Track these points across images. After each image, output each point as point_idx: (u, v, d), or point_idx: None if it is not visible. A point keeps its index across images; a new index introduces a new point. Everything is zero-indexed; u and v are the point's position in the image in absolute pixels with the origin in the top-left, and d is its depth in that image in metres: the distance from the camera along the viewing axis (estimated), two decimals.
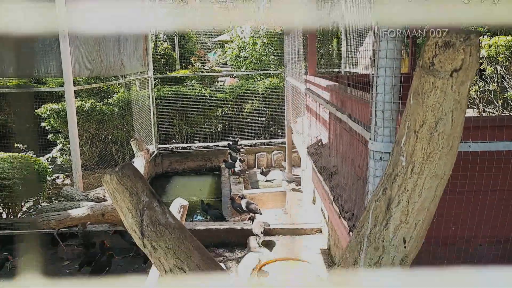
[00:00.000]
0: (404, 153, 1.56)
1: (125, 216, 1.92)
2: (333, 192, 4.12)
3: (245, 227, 6.50)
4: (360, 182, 3.55)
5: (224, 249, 6.39)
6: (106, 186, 1.93)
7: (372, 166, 2.60)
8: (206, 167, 11.59)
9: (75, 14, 6.11)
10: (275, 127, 12.41)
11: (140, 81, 10.54)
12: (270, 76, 12.90)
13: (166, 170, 11.46)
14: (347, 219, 3.44)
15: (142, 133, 10.18)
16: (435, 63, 1.42)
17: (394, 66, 2.49)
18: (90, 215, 5.21)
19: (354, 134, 3.58)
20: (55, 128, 8.72)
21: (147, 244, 1.92)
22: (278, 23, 12.13)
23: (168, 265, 1.92)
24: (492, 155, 2.54)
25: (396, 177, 1.60)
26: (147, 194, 1.94)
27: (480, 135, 2.52)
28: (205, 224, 6.82)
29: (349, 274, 1.76)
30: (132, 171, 1.96)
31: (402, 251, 1.66)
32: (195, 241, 2.06)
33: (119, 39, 8.20)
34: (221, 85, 14.55)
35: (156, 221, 1.92)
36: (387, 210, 1.63)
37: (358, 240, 1.75)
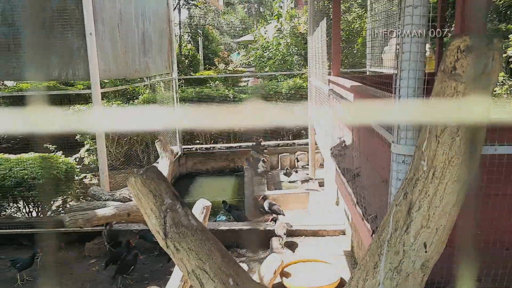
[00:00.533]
0: (425, 158, 1.56)
1: (149, 218, 1.97)
2: (356, 194, 4.10)
3: (267, 228, 6.52)
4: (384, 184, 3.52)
5: (247, 250, 6.43)
6: (131, 188, 1.98)
7: (394, 169, 2.58)
8: (229, 167, 11.66)
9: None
10: (299, 128, 12.38)
11: (165, 83, 10.68)
12: (293, 76, 12.88)
13: (189, 171, 11.57)
14: (370, 222, 3.42)
15: (167, 134, 10.32)
16: (457, 68, 1.41)
17: (418, 68, 2.47)
18: (116, 214, 5.32)
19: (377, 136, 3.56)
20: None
21: (170, 245, 1.96)
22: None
23: (190, 266, 1.96)
24: None
25: (417, 181, 1.59)
26: (170, 196, 1.98)
27: (508, 137, 2.47)
28: (228, 225, 6.88)
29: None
30: (156, 174, 2.00)
31: (423, 256, 1.65)
32: (217, 243, 2.09)
33: (144, 41, 8.33)
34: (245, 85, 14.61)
35: (178, 222, 1.96)
36: (407, 215, 1.63)
37: (379, 244, 1.75)
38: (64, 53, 6.10)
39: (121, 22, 7.14)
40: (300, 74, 12.76)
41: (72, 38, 6.05)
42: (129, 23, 7.56)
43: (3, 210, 7.31)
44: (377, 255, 1.75)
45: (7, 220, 6.93)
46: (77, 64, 6.12)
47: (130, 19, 7.58)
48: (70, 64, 6.13)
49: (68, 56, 6.11)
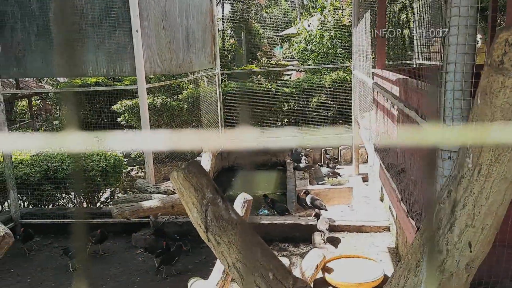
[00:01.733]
0: (470, 155, 1.50)
1: (191, 211, 2.02)
2: (400, 190, 4.02)
3: (310, 222, 6.50)
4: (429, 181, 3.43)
5: (289, 244, 6.43)
6: (173, 182, 2.04)
7: (440, 166, 2.51)
8: (271, 161, 11.68)
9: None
10: (342, 121, 12.22)
11: (208, 77, 10.82)
12: (337, 69, 12.71)
13: (232, 165, 11.69)
14: (415, 218, 3.35)
15: (210, 128, 10.46)
16: (505, 62, 1.35)
17: (465, 61, 2.38)
18: (161, 206, 5.47)
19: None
20: (130, 123, 9.21)
21: (211, 238, 2.00)
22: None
23: (231, 259, 1.99)
24: None
25: (462, 179, 1.54)
26: (211, 191, 2.02)
27: None
28: (270, 219, 6.91)
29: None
30: (197, 169, 2.05)
31: (467, 255, 1.60)
32: (257, 237, 2.11)
33: (188, 37, 8.47)
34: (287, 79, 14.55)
35: (219, 216, 2.00)
36: (451, 213, 1.58)
37: (421, 242, 1.71)
38: (112, 49, 6.31)
39: (166, 18, 7.29)
40: (344, 67, 12.57)
41: (119, 35, 6.24)
42: (173, 19, 7.71)
43: (56, 201, 7.68)
44: (419, 253, 1.71)
45: (59, 211, 7.28)
46: (124, 60, 6.31)
47: (174, 15, 7.73)
48: (118, 61, 6.34)
49: (115, 53, 6.31)
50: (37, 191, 7.25)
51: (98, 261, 6.11)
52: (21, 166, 7.36)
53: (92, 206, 7.72)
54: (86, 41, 6.28)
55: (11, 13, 6.40)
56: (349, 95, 10.64)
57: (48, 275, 5.78)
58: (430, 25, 6.51)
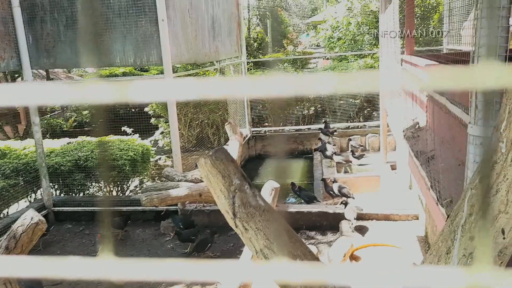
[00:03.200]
0: (504, 139, 1.46)
1: (218, 198, 2.04)
2: (430, 178, 3.94)
3: (337, 211, 6.47)
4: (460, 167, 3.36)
5: (316, 232, 6.42)
6: (201, 169, 2.06)
7: (471, 152, 2.45)
8: (298, 150, 11.66)
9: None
10: (370, 109, 12.05)
11: (234, 66, 10.83)
12: (364, 56, 12.51)
13: (259, 153, 11.72)
14: (445, 206, 3.29)
15: (236, 117, 10.50)
16: None
17: (498, 44, 2.30)
18: (189, 195, 5.53)
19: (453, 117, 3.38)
20: (157, 113, 9.33)
21: (238, 225, 2.01)
22: None
23: (258, 245, 2.01)
24: None
25: (495, 164, 1.50)
26: (239, 177, 2.03)
27: None
28: (297, 207, 6.91)
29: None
30: (225, 155, 2.06)
31: (500, 242, 1.57)
32: (284, 223, 2.12)
33: (213, 25, 8.48)
34: (314, 67, 14.42)
35: (247, 203, 2.01)
36: None
37: (452, 229, 1.68)
38: (139, 39, 6.37)
39: (191, 7, 7.31)
40: (372, 54, 12.36)
41: (146, 24, 6.29)
42: (199, 8, 7.72)
43: (86, 189, 7.88)
44: (450, 240, 1.68)
45: (90, 199, 7.47)
46: (151, 49, 6.37)
47: (199, 4, 7.74)
48: (144, 50, 6.40)
49: (142, 42, 6.37)
50: (68, 179, 7.45)
51: (128, 248, 6.25)
52: (53, 156, 7.57)
53: (121, 194, 7.89)
54: (113, 31, 6.36)
55: (41, 4, 6.54)
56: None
57: None
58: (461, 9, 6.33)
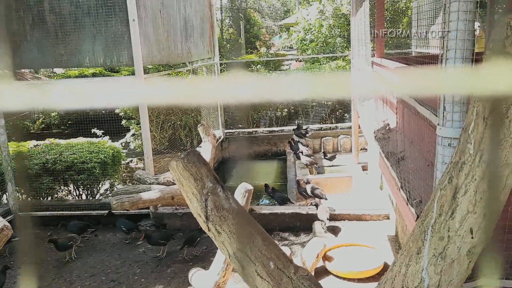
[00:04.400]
0: (472, 141, 1.49)
1: (191, 201, 2.01)
2: (400, 178, 4.01)
3: (310, 211, 6.51)
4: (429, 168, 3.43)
5: (289, 233, 6.45)
6: (173, 172, 2.03)
7: (440, 153, 2.50)
8: (272, 151, 11.68)
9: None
10: (342, 111, 12.19)
11: (207, 67, 10.78)
12: (336, 58, 12.66)
13: (232, 155, 11.69)
14: (414, 206, 3.34)
15: (209, 119, 10.45)
16: (507, 46, 1.34)
17: (465, 47, 2.36)
18: (161, 197, 5.47)
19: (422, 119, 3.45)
20: (128, 115, 9.19)
21: (211, 228, 1.99)
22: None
23: (232, 249, 1.99)
24: None
25: (463, 165, 1.53)
26: (211, 180, 2.01)
27: None
28: (270, 208, 6.91)
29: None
30: (197, 158, 2.03)
31: (469, 242, 1.60)
32: (258, 226, 2.11)
33: (186, 26, 8.41)
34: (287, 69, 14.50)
35: (220, 206, 1.99)
36: (453, 199, 1.57)
37: (422, 229, 1.71)
38: (109, 39, 6.25)
39: (163, 7, 7.23)
40: (343, 56, 12.51)
41: (116, 24, 6.18)
42: (171, 8, 7.64)
43: (55, 193, 7.68)
44: (420, 240, 1.71)
45: (58, 203, 7.27)
46: (121, 50, 6.26)
47: (171, 4, 7.66)
48: (115, 51, 6.28)
49: (112, 43, 6.26)
50: (35, 183, 7.24)
51: (98, 253, 6.12)
52: (19, 159, 7.34)
53: (91, 197, 7.73)
54: (82, 31, 6.22)
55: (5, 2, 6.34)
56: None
57: (48, 268, 5.79)
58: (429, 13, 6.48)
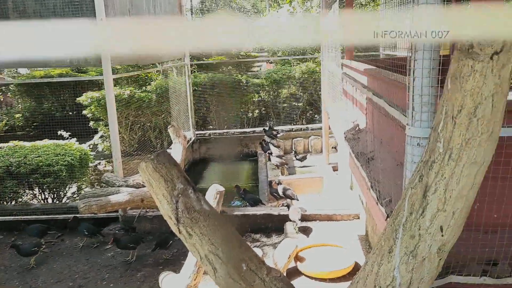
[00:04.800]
0: (441, 140, 1.51)
1: (161, 203, 1.96)
2: (370, 178, 4.06)
3: (282, 212, 6.52)
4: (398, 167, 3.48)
5: (261, 235, 6.44)
6: (142, 173, 1.98)
7: (409, 152, 2.53)
8: (243, 152, 11.67)
9: None
10: (312, 112, 12.30)
11: (177, 68, 10.66)
12: (306, 60, 12.76)
13: (203, 156, 11.61)
14: (384, 205, 3.39)
15: (180, 120, 10.34)
16: (474, 46, 1.36)
17: (433, 48, 2.40)
18: (130, 200, 5.37)
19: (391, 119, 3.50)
20: (96, 116, 8.98)
21: (182, 230, 1.95)
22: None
23: (203, 251, 1.96)
24: None
25: (433, 164, 1.55)
26: (182, 181, 1.97)
27: None
28: (242, 210, 6.89)
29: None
30: (167, 159, 1.99)
31: (439, 240, 1.62)
32: (230, 228, 2.08)
33: None
34: (258, 70, 14.52)
35: (191, 207, 1.95)
36: (423, 198, 1.59)
37: (394, 228, 1.72)
38: None
39: (132, 7, 7.11)
40: (313, 59, 12.63)
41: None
42: (140, 8, 7.52)
43: (19, 197, 7.43)
44: (392, 239, 1.72)
45: (23, 207, 7.04)
46: None
47: (140, 4, 7.54)
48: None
49: None
50: None
51: (65, 257, 5.95)
52: None
53: (57, 201, 7.51)
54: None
55: None
56: (319, 86, 10.70)
57: (12, 274, 5.59)
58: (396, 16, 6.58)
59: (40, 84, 11.07)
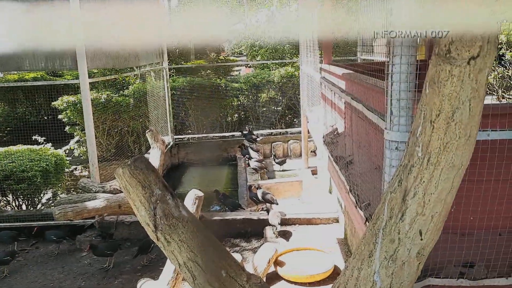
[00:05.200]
0: (420, 144, 1.52)
1: (138, 210, 1.92)
2: (349, 182, 4.08)
3: (261, 217, 6.50)
4: (377, 171, 3.50)
5: (241, 239, 6.40)
6: (119, 179, 1.93)
7: (388, 156, 2.55)
8: (222, 157, 11.62)
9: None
10: (291, 116, 12.34)
11: (155, 72, 10.56)
12: (285, 65, 12.80)
13: (182, 161, 11.51)
14: (363, 209, 3.40)
15: (158, 124, 10.23)
16: (452, 51, 1.37)
17: (410, 53, 2.42)
18: (107, 206, 5.27)
19: (370, 123, 3.53)
20: (72, 120, 8.82)
21: (160, 238, 1.91)
22: None
23: (182, 258, 1.92)
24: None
25: (412, 168, 1.56)
26: (160, 187, 1.93)
27: (500, 123, 2.45)
28: (221, 215, 6.84)
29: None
30: (145, 164, 1.95)
31: (418, 244, 1.63)
32: (209, 234, 2.05)
33: None
34: (237, 75, 14.50)
35: (169, 214, 1.92)
36: (402, 202, 1.59)
37: (374, 232, 1.72)
38: None
39: None
40: (292, 63, 12.68)
41: None
42: None
43: None
44: (372, 243, 1.72)
45: None
46: (65, 53, 6.00)
47: None
48: (57, 54, 6.01)
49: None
50: None
51: (40, 265, 5.80)
52: None
53: (32, 208, 7.32)
54: None
55: None
56: (298, 90, 10.74)
57: None
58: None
59: (14, 88, 10.83)
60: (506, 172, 2.54)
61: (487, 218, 2.67)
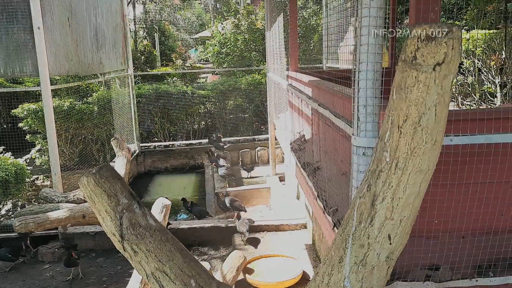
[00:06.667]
0: (388, 149, 1.54)
1: (104, 220, 1.86)
2: (317, 188, 4.10)
3: (229, 224, 6.46)
4: (344, 177, 3.54)
5: (209, 248, 6.34)
6: (83, 188, 1.87)
7: (355, 162, 2.57)
8: (189, 165, 11.51)
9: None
10: (258, 123, 12.37)
11: (120, 79, 10.38)
12: (252, 72, 12.85)
13: (148, 169, 11.32)
14: (331, 215, 3.43)
15: (123, 132, 10.04)
16: (418, 57, 1.40)
17: (376, 60, 2.47)
18: (71, 217, 5.10)
19: (336, 129, 3.57)
20: (33, 129, 8.54)
21: (127, 248, 1.86)
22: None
23: (150, 269, 1.87)
24: (473, 148, 2.55)
25: (381, 173, 1.57)
26: (126, 196, 1.88)
27: (462, 128, 2.52)
28: (189, 223, 6.76)
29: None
30: (110, 173, 1.90)
31: (387, 248, 1.64)
32: (177, 243, 2.01)
33: (97, 36, 8.04)
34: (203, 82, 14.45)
35: (136, 223, 1.86)
36: (371, 207, 1.61)
37: (343, 237, 1.72)
38: (10, 48, 5.77)
39: (72, 15, 6.84)
40: (259, 70, 12.74)
41: (19, 32, 5.73)
42: (81, 16, 7.26)
43: None
44: (342, 249, 1.72)
45: None
46: (25, 60, 5.81)
47: (81, 12, 7.29)
48: (17, 60, 5.81)
49: (14, 52, 5.79)
50: None
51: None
52: None
53: None
54: None
55: None
56: (265, 97, 10.79)
57: None
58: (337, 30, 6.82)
59: None
60: (468, 176, 2.62)
61: (451, 221, 2.74)
